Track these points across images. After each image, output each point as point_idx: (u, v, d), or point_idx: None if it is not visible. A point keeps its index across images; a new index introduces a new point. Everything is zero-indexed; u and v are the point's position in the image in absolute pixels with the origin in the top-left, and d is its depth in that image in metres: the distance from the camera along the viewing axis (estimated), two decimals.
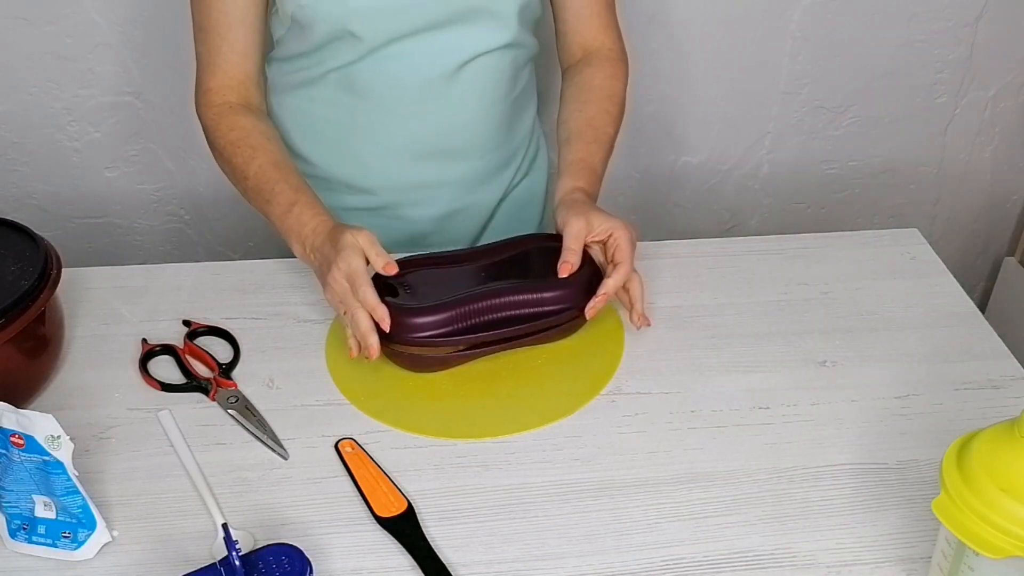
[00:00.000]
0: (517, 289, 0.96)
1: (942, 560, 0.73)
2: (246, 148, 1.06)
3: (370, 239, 0.95)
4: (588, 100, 1.13)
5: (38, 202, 1.61)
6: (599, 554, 0.80)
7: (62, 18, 1.43)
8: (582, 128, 1.10)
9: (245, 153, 1.06)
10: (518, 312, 0.95)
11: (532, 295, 0.95)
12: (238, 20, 1.07)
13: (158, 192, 1.63)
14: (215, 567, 0.75)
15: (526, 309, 0.95)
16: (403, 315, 0.92)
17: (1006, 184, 1.82)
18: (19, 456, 0.77)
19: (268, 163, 1.05)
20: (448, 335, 0.93)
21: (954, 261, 1.79)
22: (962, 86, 1.67)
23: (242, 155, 1.06)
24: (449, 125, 1.14)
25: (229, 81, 1.09)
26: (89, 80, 1.49)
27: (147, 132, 1.56)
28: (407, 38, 1.06)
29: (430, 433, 0.91)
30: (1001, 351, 1.01)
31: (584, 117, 1.11)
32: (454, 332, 0.93)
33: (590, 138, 1.09)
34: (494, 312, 0.94)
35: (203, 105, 1.10)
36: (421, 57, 1.08)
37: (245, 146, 1.06)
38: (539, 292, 0.95)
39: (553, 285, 0.95)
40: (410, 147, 1.15)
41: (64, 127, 1.54)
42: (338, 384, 0.97)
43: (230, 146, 1.07)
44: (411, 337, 0.93)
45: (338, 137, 1.15)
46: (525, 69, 1.18)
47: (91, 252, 1.67)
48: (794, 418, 0.93)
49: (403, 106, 1.11)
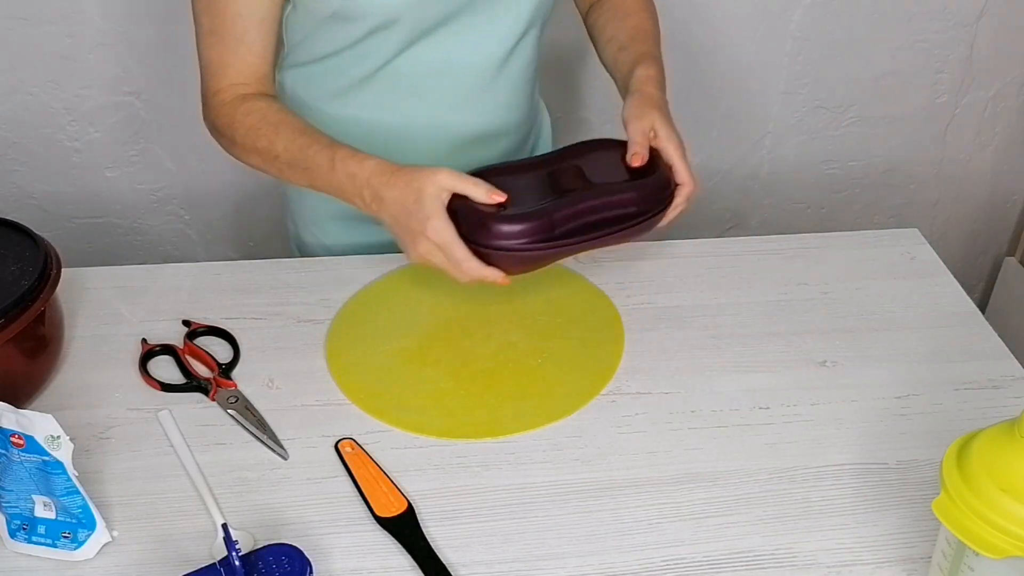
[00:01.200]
0: (603, 190, 0.95)
1: (942, 560, 0.73)
2: (267, 128, 1.00)
3: (453, 178, 0.90)
4: (628, 14, 1.12)
5: (38, 202, 1.62)
6: (599, 554, 0.80)
7: (62, 18, 1.44)
8: (633, 34, 1.09)
9: (268, 133, 1.00)
10: (605, 215, 0.94)
11: (616, 196, 0.95)
12: (256, 22, 1.02)
13: (158, 192, 1.63)
14: (215, 567, 0.75)
15: (614, 211, 0.94)
16: (500, 222, 0.91)
17: (1006, 184, 1.82)
18: (19, 456, 0.77)
19: (294, 133, 0.99)
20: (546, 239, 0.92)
21: (954, 261, 1.79)
22: (962, 86, 1.67)
23: (266, 136, 1.00)
24: (494, 110, 1.11)
25: (245, 79, 1.03)
26: (89, 80, 1.49)
27: (147, 132, 1.56)
28: (452, 21, 1.02)
29: (430, 433, 0.91)
30: (1001, 351, 1.01)
31: (630, 26, 1.10)
32: (552, 237, 0.92)
33: (642, 39, 1.09)
34: (585, 216, 0.94)
35: (214, 107, 1.04)
36: (470, 42, 1.04)
37: (266, 125, 1.00)
38: (622, 192, 0.95)
39: (635, 185, 0.96)
40: (454, 138, 1.11)
41: (64, 127, 1.54)
42: (339, 383, 0.97)
43: (252, 132, 1.01)
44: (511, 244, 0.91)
45: (385, 140, 1.09)
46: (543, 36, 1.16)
47: (91, 252, 1.67)
48: (794, 418, 0.93)
49: (452, 96, 1.08)
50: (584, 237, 0.93)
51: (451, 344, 1.01)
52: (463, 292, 1.07)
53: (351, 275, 1.10)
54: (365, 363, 0.98)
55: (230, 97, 1.03)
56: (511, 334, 1.02)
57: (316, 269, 1.12)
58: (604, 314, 1.04)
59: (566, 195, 0.94)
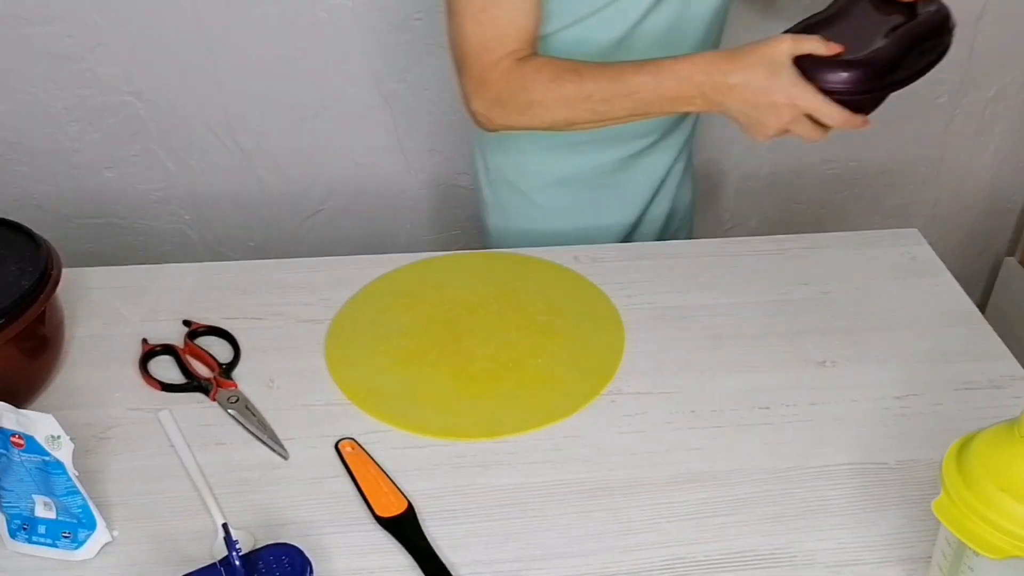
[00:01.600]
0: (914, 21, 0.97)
1: (942, 560, 0.73)
2: (567, 74, 0.99)
3: (793, 43, 0.92)
4: None
5: (38, 202, 1.62)
6: (599, 554, 0.80)
7: (62, 18, 1.44)
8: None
9: (571, 78, 0.99)
10: (924, 46, 0.97)
11: (925, 25, 0.97)
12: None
13: (158, 192, 1.63)
14: (215, 567, 0.75)
15: (929, 41, 0.97)
16: (852, 68, 0.93)
17: (1006, 184, 1.82)
18: (19, 456, 0.77)
19: (596, 70, 0.98)
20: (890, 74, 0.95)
21: (954, 261, 1.79)
22: (962, 86, 1.67)
23: (570, 81, 0.99)
24: None
25: (521, 44, 1.01)
26: (89, 80, 1.49)
27: (147, 132, 1.56)
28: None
29: (431, 433, 0.91)
30: (1001, 351, 1.01)
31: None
32: (894, 71, 0.95)
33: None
34: (912, 45, 0.96)
35: (496, 80, 1.01)
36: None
37: (565, 72, 0.99)
38: (928, 22, 0.98)
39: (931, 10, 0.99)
40: None
41: (64, 127, 1.54)
42: (339, 383, 0.97)
43: (552, 84, 0.99)
44: (868, 86, 0.94)
45: None
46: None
47: (91, 252, 1.67)
48: (794, 418, 0.93)
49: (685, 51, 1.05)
50: (913, 69, 0.96)
51: (451, 344, 1.01)
52: (463, 291, 1.07)
53: (351, 275, 1.10)
54: (364, 363, 0.98)
55: (512, 63, 1.01)
56: (511, 334, 1.02)
57: (316, 269, 1.12)
58: (604, 314, 1.04)
59: (889, 34, 0.96)
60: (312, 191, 1.66)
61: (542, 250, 1.15)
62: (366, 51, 1.51)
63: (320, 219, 1.69)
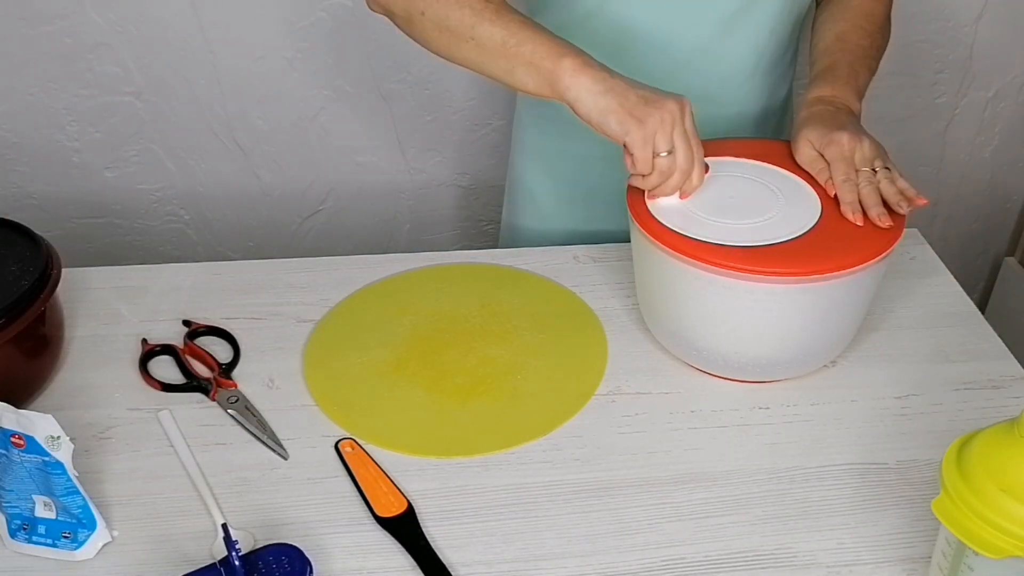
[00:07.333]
0: None
1: (942, 560, 0.73)
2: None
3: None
4: (841, 18, 1.07)
5: (38, 202, 1.61)
6: (599, 554, 0.80)
7: (62, 18, 1.43)
8: (830, 43, 1.05)
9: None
10: None
11: None
12: None
13: (158, 192, 1.63)
14: (215, 567, 0.75)
15: None
16: None
17: (1006, 184, 1.82)
18: (19, 456, 0.77)
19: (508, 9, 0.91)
20: None
21: (954, 261, 1.79)
22: (962, 86, 1.67)
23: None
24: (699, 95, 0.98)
25: None
26: (89, 80, 1.49)
27: (147, 132, 1.56)
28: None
29: (400, 449, 0.89)
30: (1001, 351, 1.01)
31: (834, 32, 1.05)
32: None
33: (837, 49, 1.04)
34: None
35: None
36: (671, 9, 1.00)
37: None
38: None
39: None
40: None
41: (64, 127, 1.54)
42: (312, 390, 0.95)
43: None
44: None
45: None
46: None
47: (91, 252, 1.67)
48: (794, 418, 0.93)
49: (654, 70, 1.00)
50: None
51: (429, 357, 0.99)
52: (448, 301, 1.07)
53: (350, 275, 1.10)
54: (340, 373, 0.96)
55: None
56: (492, 348, 1.00)
57: (316, 269, 1.12)
58: (585, 319, 1.04)
59: None
60: (312, 191, 1.66)
61: (542, 250, 1.15)
62: (366, 51, 1.51)
63: (320, 219, 1.69)
